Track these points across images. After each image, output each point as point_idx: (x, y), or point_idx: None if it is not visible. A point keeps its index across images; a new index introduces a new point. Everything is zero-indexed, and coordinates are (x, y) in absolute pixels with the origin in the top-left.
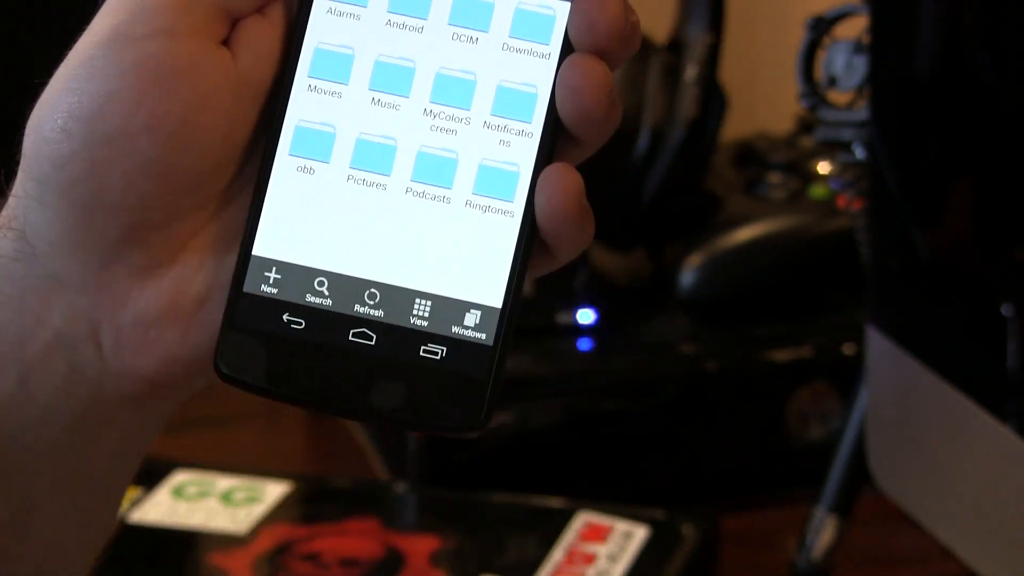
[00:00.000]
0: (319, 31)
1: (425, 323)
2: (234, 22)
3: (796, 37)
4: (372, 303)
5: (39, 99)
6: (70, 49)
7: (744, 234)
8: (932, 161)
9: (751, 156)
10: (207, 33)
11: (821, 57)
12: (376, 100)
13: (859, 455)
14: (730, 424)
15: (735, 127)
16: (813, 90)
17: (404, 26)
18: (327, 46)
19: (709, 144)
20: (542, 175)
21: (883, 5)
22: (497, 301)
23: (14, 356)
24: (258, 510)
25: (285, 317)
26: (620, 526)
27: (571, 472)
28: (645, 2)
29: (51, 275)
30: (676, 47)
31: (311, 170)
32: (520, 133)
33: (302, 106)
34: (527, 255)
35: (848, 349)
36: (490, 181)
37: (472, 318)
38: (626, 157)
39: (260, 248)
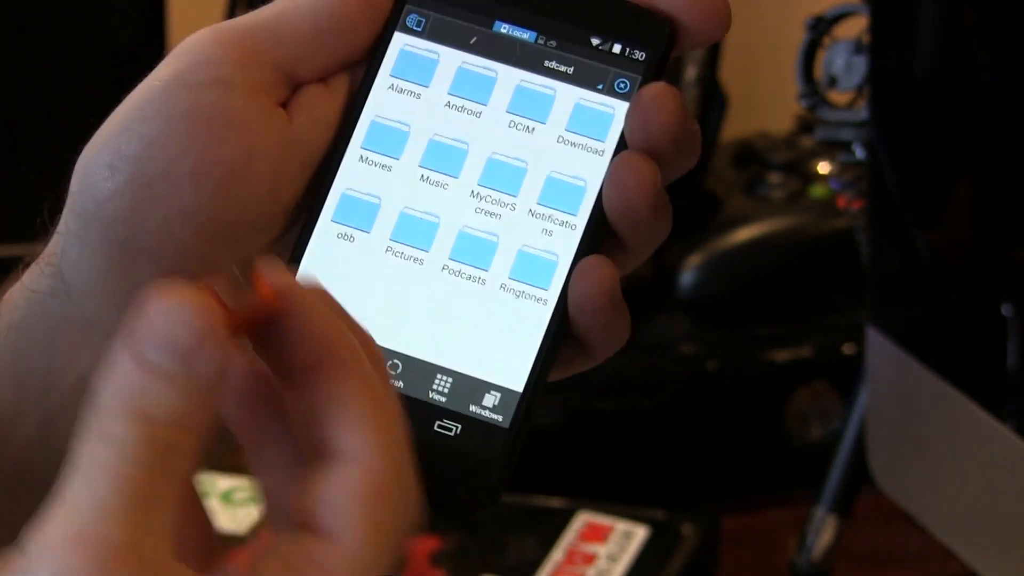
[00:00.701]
0: (378, 105)
1: (443, 399)
2: (295, 87)
3: (796, 37)
4: (393, 374)
5: (92, 137)
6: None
7: (744, 234)
8: (932, 161)
9: (751, 156)
10: (265, 91)
11: (821, 57)
12: (425, 177)
13: (859, 455)
14: (730, 424)
15: (735, 127)
16: (813, 90)
17: (463, 108)
18: (384, 120)
19: (709, 144)
20: (579, 265)
21: (883, 5)
22: (519, 385)
23: (39, 401)
24: (258, 510)
25: None
26: (620, 526)
27: (571, 472)
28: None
29: (82, 315)
30: None
31: (351, 237)
32: (564, 224)
33: (351, 175)
34: (555, 344)
35: (848, 349)
36: (528, 267)
37: (491, 399)
38: None
39: None
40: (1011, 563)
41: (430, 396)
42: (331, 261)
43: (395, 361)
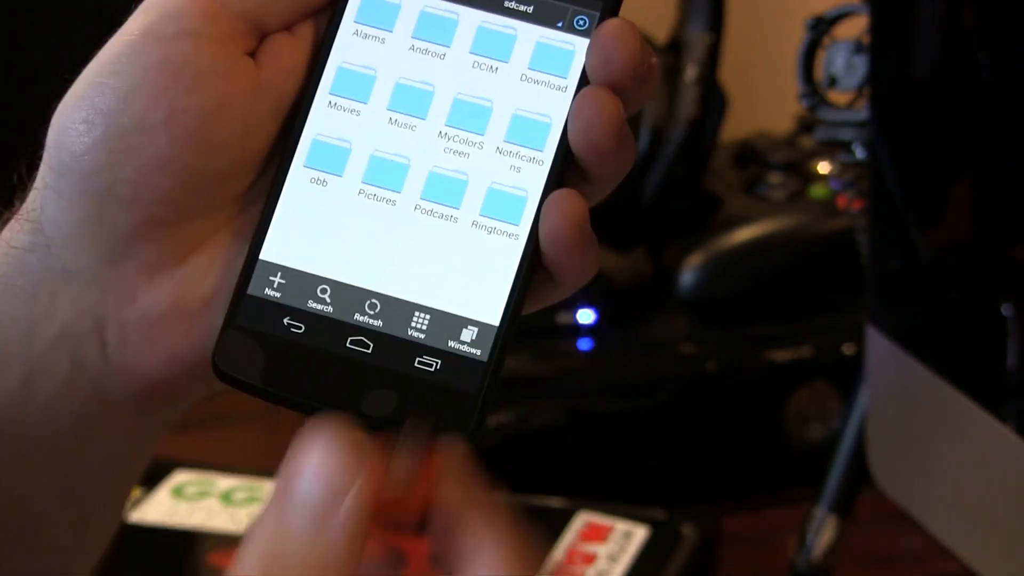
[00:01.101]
0: (344, 51)
1: (422, 335)
2: (262, 36)
3: (796, 37)
4: (372, 313)
5: (66, 93)
6: (68, 49)
7: (744, 234)
8: (932, 161)
9: (751, 156)
10: (233, 41)
11: (821, 57)
12: (393, 120)
13: (859, 455)
14: (730, 424)
15: (735, 127)
16: (813, 90)
17: (427, 51)
18: (350, 65)
19: (709, 144)
20: (548, 200)
21: (883, 5)
22: (495, 319)
23: (20, 352)
24: (258, 510)
25: (286, 321)
26: (620, 526)
27: (571, 472)
28: (645, 2)
29: (62, 268)
30: (676, 47)
31: (324, 182)
32: (531, 160)
33: (321, 121)
34: (528, 277)
35: (848, 349)
36: (498, 204)
37: (469, 334)
38: None
39: (268, 253)
40: (1011, 563)
41: (409, 334)
42: (306, 206)
43: (373, 301)
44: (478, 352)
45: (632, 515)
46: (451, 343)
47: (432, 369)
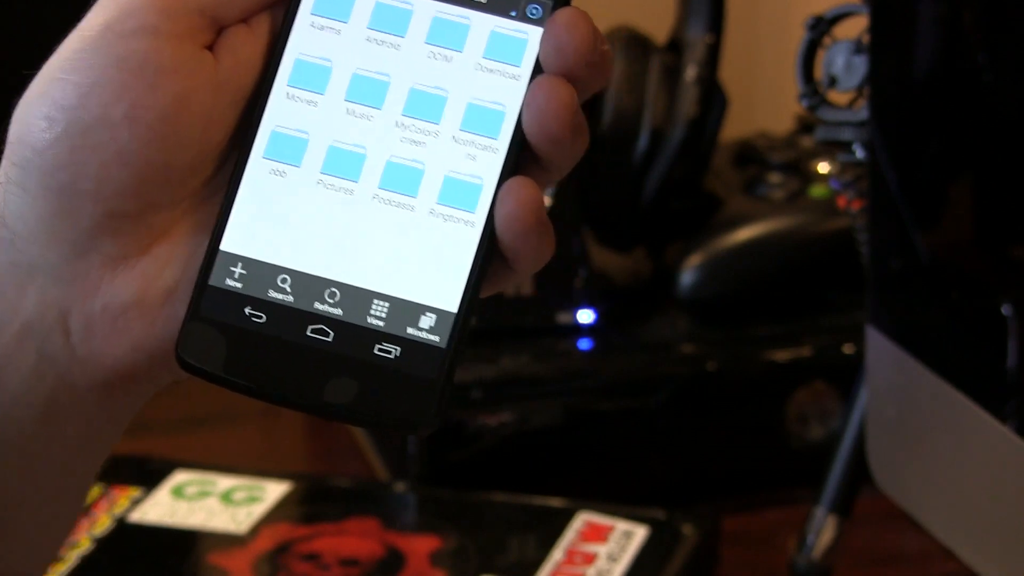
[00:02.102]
0: (300, 43)
1: (382, 323)
2: (219, 29)
3: (796, 37)
4: (332, 301)
5: (27, 89)
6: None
7: (744, 234)
8: (932, 161)
9: (751, 156)
10: (191, 36)
11: (821, 57)
12: (350, 111)
13: (859, 455)
14: (730, 424)
15: (735, 127)
16: (813, 90)
17: (382, 42)
18: (307, 57)
19: (709, 144)
20: (503, 187)
21: (883, 5)
22: (453, 306)
23: None
24: (258, 510)
25: (247, 310)
26: (620, 526)
27: (571, 472)
28: (645, 2)
29: (27, 262)
30: (676, 47)
31: (283, 173)
32: (486, 148)
33: (279, 112)
34: (485, 264)
35: (848, 349)
36: (454, 192)
37: (427, 321)
38: (626, 157)
39: (228, 244)
40: (1011, 563)
41: (368, 321)
42: (265, 197)
43: (333, 289)
44: (437, 339)
45: (632, 515)
46: (410, 330)
47: (392, 356)
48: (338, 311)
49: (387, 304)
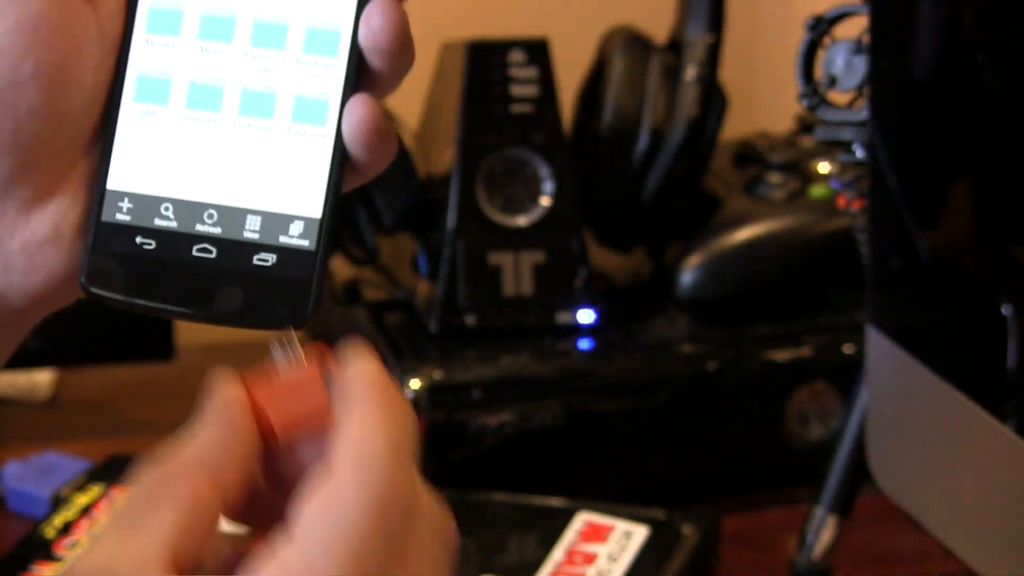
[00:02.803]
0: None
1: (257, 235)
2: None
3: (796, 37)
4: (211, 222)
5: None
6: None
7: (744, 234)
8: (932, 161)
9: (751, 156)
10: None
11: (821, 57)
12: (204, 48)
13: (859, 455)
14: (730, 424)
15: (735, 127)
16: (813, 90)
17: None
18: (160, 5)
19: (709, 144)
20: (346, 106)
21: (883, 5)
22: (317, 212)
23: None
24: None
25: (138, 240)
26: (620, 526)
27: (571, 472)
28: (645, 2)
29: None
30: (676, 47)
31: (152, 112)
32: (328, 67)
33: (141, 58)
34: (340, 172)
35: (848, 349)
36: (305, 111)
37: (296, 228)
38: (626, 157)
39: (113, 182)
40: (1011, 563)
41: (245, 236)
42: (139, 136)
43: (211, 211)
44: (307, 243)
45: (632, 515)
46: (282, 238)
47: (269, 264)
48: (217, 230)
49: (260, 218)
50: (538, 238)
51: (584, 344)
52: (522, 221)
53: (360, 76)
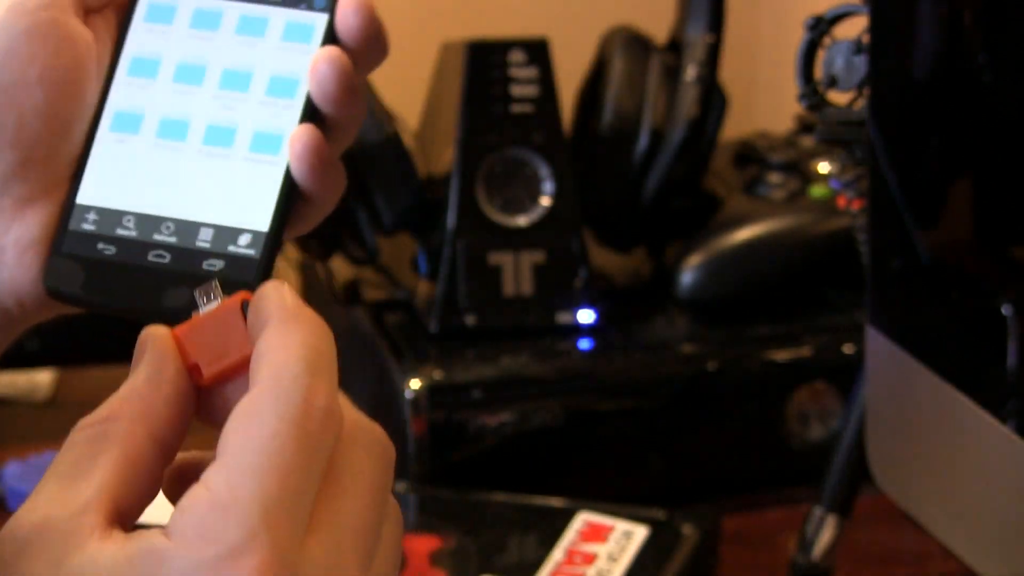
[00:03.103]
0: (136, 41)
1: (208, 244)
2: (86, 14)
3: (796, 37)
4: (167, 232)
5: None
6: None
7: (744, 234)
8: (932, 161)
9: (751, 156)
10: (76, 14)
11: (821, 57)
12: (176, 90)
13: (859, 455)
14: (730, 424)
15: (735, 127)
16: (813, 90)
17: (200, 37)
18: (141, 54)
19: (709, 144)
20: (292, 133)
21: (883, 5)
22: (264, 226)
23: None
24: None
25: (99, 245)
26: (620, 526)
27: (571, 472)
28: (645, 2)
29: None
30: (676, 47)
31: (124, 141)
32: (287, 107)
33: (120, 96)
34: (289, 193)
35: (848, 349)
36: (262, 142)
37: (245, 239)
38: (626, 157)
39: (83, 197)
40: (1011, 563)
41: (198, 244)
42: (111, 159)
43: (168, 224)
44: (253, 252)
45: (632, 515)
46: (231, 248)
47: (216, 269)
48: (173, 239)
49: (212, 230)
50: (538, 238)
51: (584, 344)
52: (522, 221)
53: (314, 115)
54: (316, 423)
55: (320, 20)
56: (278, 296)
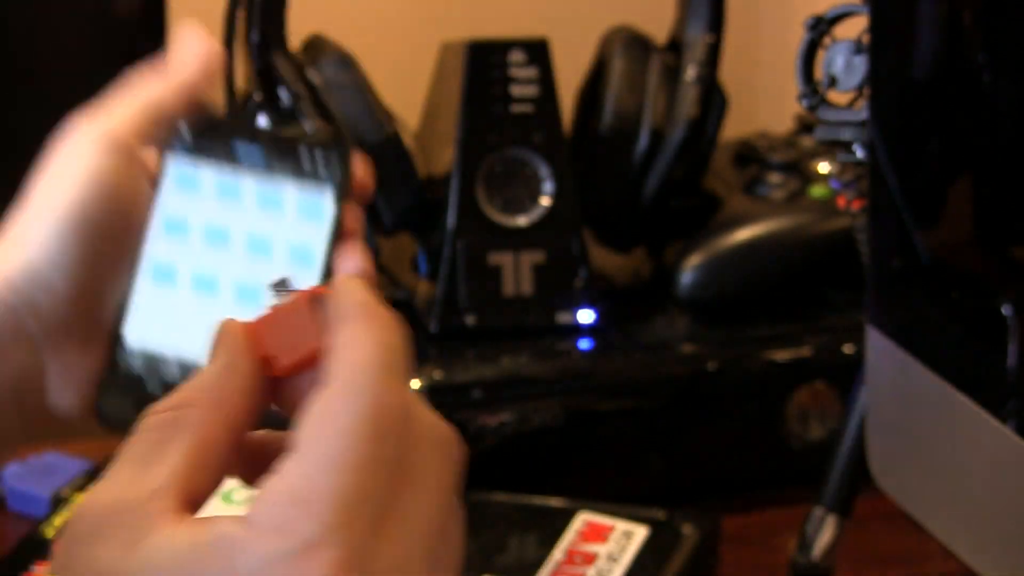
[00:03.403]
0: (167, 203)
1: None
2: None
3: (796, 37)
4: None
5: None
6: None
7: (744, 234)
8: (932, 161)
9: (751, 156)
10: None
11: (821, 57)
12: (207, 251)
13: (859, 455)
14: (730, 424)
15: (735, 127)
16: (813, 90)
17: (225, 206)
18: (173, 215)
19: (709, 144)
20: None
21: (883, 5)
22: None
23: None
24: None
25: (145, 384)
26: (620, 526)
27: (571, 472)
28: (645, 2)
29: (30, 337)
30: (676, 47)
31: (162, 295)
32: (305, 269)
33: (157, 250)
34: None
35: (848, 349)
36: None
37: None
38: (626, 157)
39: (129, 338)
40: (1011, 563)
41: None
42: (151, 307)
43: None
44: None
45: (632, 515)
46: None
47: None
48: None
49: None
50: (538, 238)
51: (584, 344)
52: (522, 221)
53: (328, 276)
54: (390, 421)
55: (328, 193)
56: (357, 292)
